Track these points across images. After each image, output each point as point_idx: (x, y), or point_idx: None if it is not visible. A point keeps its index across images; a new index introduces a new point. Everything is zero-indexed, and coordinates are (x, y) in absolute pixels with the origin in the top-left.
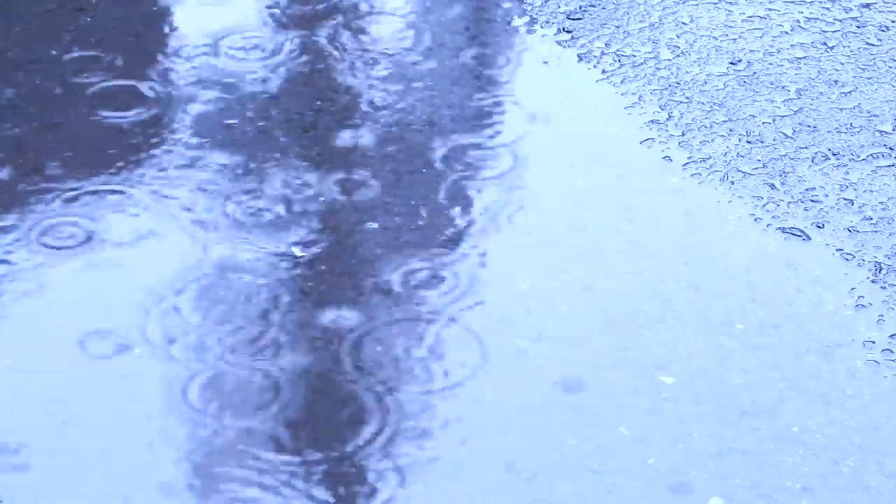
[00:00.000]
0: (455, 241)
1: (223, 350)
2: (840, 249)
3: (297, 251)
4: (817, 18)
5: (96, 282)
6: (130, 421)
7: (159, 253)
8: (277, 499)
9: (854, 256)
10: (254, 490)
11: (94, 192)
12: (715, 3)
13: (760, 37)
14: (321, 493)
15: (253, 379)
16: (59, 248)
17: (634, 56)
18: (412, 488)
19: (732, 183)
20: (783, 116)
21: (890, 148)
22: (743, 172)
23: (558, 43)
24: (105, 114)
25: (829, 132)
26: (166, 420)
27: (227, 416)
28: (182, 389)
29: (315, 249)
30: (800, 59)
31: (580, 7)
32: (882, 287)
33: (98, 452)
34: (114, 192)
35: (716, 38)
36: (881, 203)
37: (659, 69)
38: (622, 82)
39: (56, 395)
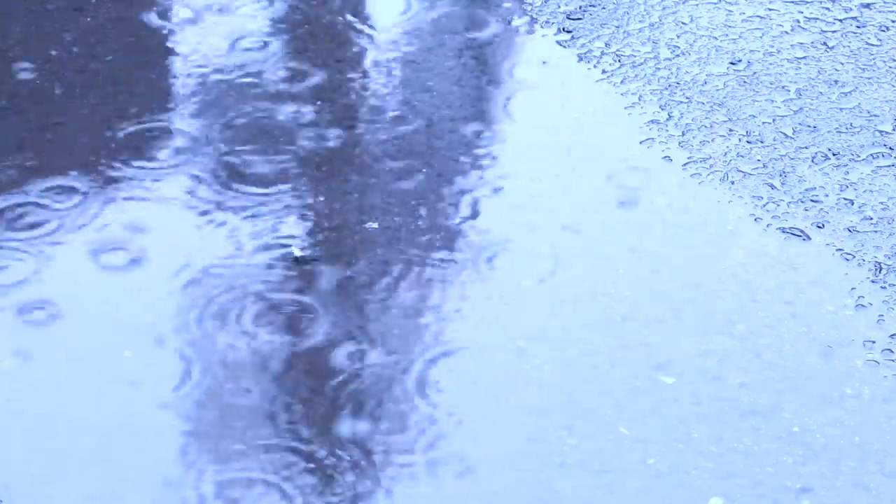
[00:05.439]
0: (455, 240)
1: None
2: (840, 249)
3: (296, 251)
4: (817, 18)
5: (102, 282)
6: (132, 418)
7: (160, 252)
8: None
9: (854, 256)
10: None
11: (95, 192)
12: (715, 3)
13: (760, 37)
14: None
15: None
16: (59, 247)
17: (634, 56)
18: (415, 489)
19: (732, 183)
20: (783, 116)
21: (890, 148)
22: (743, 172)
23: (558, 43)
24: (105, 114)
25: (829, 132)
26: (170, 414)
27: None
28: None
29: (315, 249)
30: (800, 59)
31: (580, 7)
32: (882, 287)
33: (98, 451)
34: (114, 191)
35: (716, 38)
36: (881, 203)
37: (659, 69)
38: (622, 82)
39: (56, 392)
